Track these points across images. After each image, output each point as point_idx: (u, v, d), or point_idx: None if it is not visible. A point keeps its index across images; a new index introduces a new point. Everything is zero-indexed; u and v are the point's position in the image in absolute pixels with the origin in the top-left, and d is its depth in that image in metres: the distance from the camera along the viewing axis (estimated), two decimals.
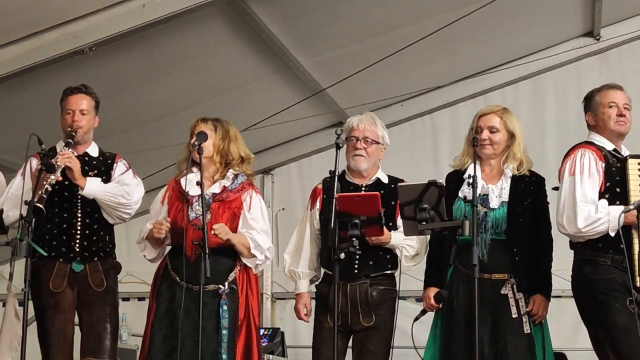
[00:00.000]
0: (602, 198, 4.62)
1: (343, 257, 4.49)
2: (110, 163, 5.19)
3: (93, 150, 5.20)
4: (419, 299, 5.10)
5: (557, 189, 4.83)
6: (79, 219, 5.03)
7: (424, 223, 4.43)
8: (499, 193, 4.88)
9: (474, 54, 7.34)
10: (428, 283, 5.01)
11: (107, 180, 5.11)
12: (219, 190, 4.97)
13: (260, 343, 5.14)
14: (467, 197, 4.70)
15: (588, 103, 4.93)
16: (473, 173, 4.56)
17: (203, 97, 6.69)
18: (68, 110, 5.07)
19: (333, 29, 6.41)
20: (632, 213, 4.51)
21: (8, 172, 5.36)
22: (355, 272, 4.99)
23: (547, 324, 4.91)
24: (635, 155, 4.70)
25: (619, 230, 4.49)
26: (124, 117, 6.59)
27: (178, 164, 5.09)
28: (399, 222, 4.91)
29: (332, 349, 4.52)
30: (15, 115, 6.22)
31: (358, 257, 4.94)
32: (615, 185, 4.65)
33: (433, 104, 7.87)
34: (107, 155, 5.23)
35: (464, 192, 4.86)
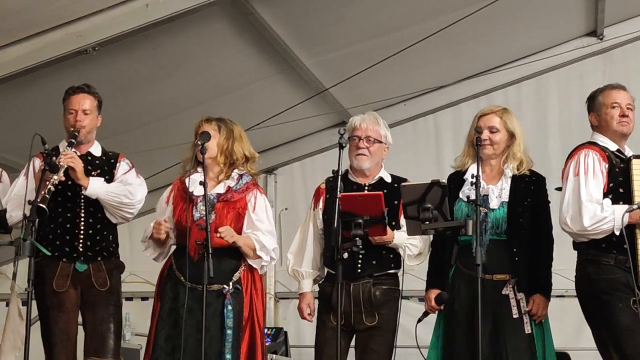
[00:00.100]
0: (605, 198, 4.61)
1: (346, 256, 4.49)
2: (113, 162, 5.19)
3: (96, 150, 5.20)
4: (422, 299, 5.08)
5: (560, 190, 4.82)
6: (82, 219, 5.03)
7: (427, 223, 4.42)
8: (499, 193, 4.88)
9: (477, 54, 7.34)
10: (430, 285, 5.01)
11: (110, 180, 5.11)
12: (224, 191, 4.96)
13: (265, 344, 5.13)
14: (469, 196, 4.70)
15: (591, 103, 4.92)
16: (476, 172, 4.55)
17: (206, 97, 6.69)
18: (70, 110, 5.06)
19: (336, 29, 6.40)
20: (635, 213, 4.52)
21: (11, 171, 5.36)
22: (359, 271, 4.98)
23: (548, 324, 4.90)
24: (639, 156, 4.70)
25: (623, 230, 4.49)
26: (127, 117, 6.59)
27: (183, 164, 5.09)
28: (402, 221, 4.91)
29: (335, 349, 4.52)
30: (19, 115, 6.22)
31: (361, 256, 4.94)
32: (619, 186, 4.64)
33: (436, 104, 7.86)
34: (110, 155, 5.22)
35: (465, 192, 4.86)
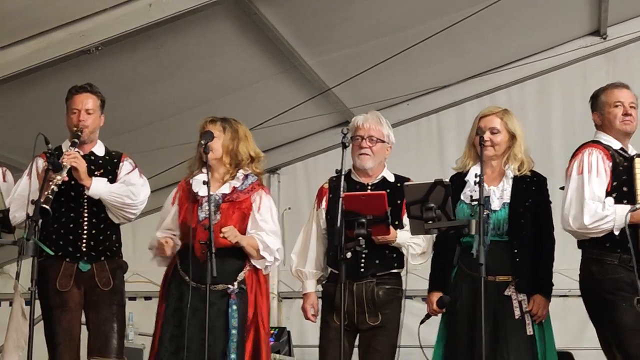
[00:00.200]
0: (608, 197, 4.60)
1: (349, 256, 4.49)
2: (117, 162, 5.19)
3: (99, 150, 5.19)
4: (425, 298, 5.08)
5: (563, 189, 4.82)
6: (86, 219, 5.03)
7: (431, 222, 4.42)
8: (501, 194, 4.87)
9: (480, 54, 7.33)
10: (432, 287, 5.00)
11: (113, 180, 5.11)
12: (229, 191, 4.96)
13: (269, 344, 5.13)
14: (473, 196, 4.70)
15: (594, 102, 4.91)
16: (480, 172, 4.54)
17: (209, 96, 6.69)
18: (74, 110, 5.06)
19: (339, 29, 6.40)
20: (638, 212, 4.51)
21: (15, 171, 5.36)
22: (362, 271, 4.97)
23: (549, 325, 4.88)
24: None
25: (626, 230, 4.48)
26: (130, 116, 6.60)
27: (189, 165, 5.10)
28: (405, 220, 4.91)
29: (338, 350, 4.52)
30: (22, 115, 6.22)
31: (364, 256, 4.92)
32: (623, 184, 4.63)
33: (439, 104, 7.86)
34: (113, 155, 5.22)
35: (467, 194, 4.86)
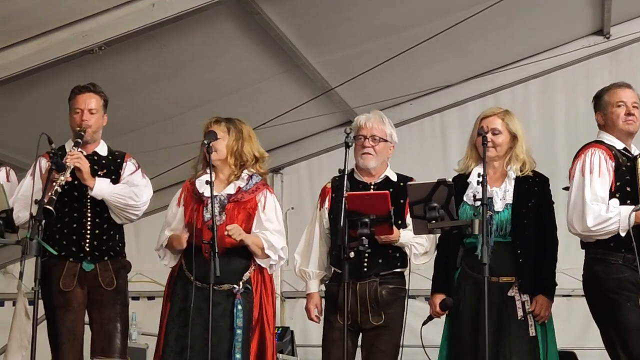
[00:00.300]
0: (613, 197, 4.60)
1: (352, 255, 4.49)
2: (120, 162, 5.19)
3: (102, 149, 5.19)
4: (429, 298, 5.08)
5: (567, 189, 4.81)
6: (89, 219, 5.03)
7: (434, 222, 4.41)
8: (503, 195, 4.86)
9: (483, 53, 7.33)
10: (435, 289, 5.00)
11: (116, 180, 5.11)
12: (234, 191, 4.97)
13: (275, 344, 5.13)
14: (475, 196, 4.69)
15: (597, 102, 4.91)
16: (483, 171, 4.54)
17: (212, 96, 6.69)
18: (76, 110, 5.06)
19: (342, 29, 6.40)
20: None
21: (18, 171, 5.36)
22: (365, 270, 4.97)
23: (551, 325, 4.87)
24: None
25: (630, 230, 4.47)
26: (133, 116, 6.59)
27: (193, 166, 5.10)
28: (408, 220, 4.90)
29: (342, 350, 4.52)
30: (25, 115, 6.22)
31: (367, 255, 4.92)
32: (626, 185, 4.63)
33: (442, 103, 7.85)
34: (116, 154, 5.22)
35: (469, 195, 4.85)
